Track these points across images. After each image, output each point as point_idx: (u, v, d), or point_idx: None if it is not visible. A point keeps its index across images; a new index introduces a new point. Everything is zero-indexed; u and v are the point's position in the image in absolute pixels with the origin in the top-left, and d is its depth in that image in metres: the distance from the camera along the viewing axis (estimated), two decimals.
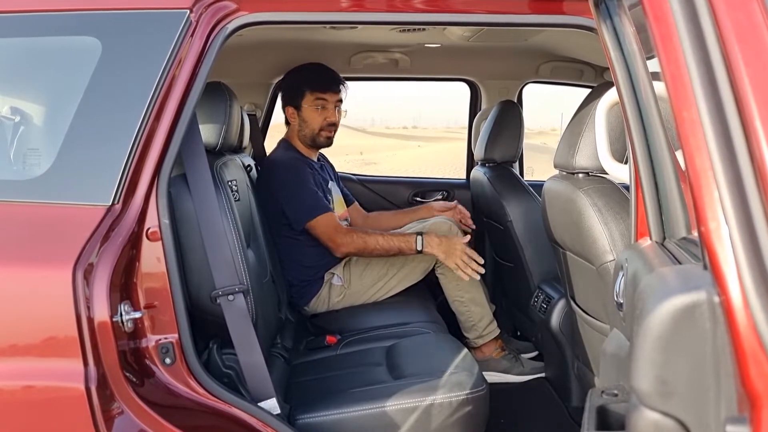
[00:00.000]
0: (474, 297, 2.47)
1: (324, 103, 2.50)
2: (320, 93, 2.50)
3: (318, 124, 2.51)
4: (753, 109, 0.68)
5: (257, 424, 1.40)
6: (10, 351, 1.23)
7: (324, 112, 2.50)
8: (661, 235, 1.07)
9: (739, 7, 0.71)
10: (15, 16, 1.41)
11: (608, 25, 1.18)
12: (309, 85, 2.50)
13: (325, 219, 2.35)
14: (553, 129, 24.58)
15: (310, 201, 2.36)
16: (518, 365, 2.53)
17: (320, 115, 2.50)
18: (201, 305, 1.50)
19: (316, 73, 2.56)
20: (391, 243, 2.32)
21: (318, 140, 2.54)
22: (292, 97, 2.54)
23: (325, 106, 2.50)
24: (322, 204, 2.38)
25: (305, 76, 2.55)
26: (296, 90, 2.53)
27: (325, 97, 2.50)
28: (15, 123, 1.48)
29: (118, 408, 1.23)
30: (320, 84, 2.51)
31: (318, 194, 2.39)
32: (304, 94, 2.50)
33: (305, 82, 2.52)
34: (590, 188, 1.67)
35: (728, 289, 0.67)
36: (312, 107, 2.50)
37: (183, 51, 1.36)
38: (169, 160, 1.35)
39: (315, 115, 2.50)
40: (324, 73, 2.56)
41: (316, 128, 2.51)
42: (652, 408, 0.73)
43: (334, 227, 2.36)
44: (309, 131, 2.52)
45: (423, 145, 21.48)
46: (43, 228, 1.29)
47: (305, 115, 2.51)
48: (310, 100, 2.50)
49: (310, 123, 2.51)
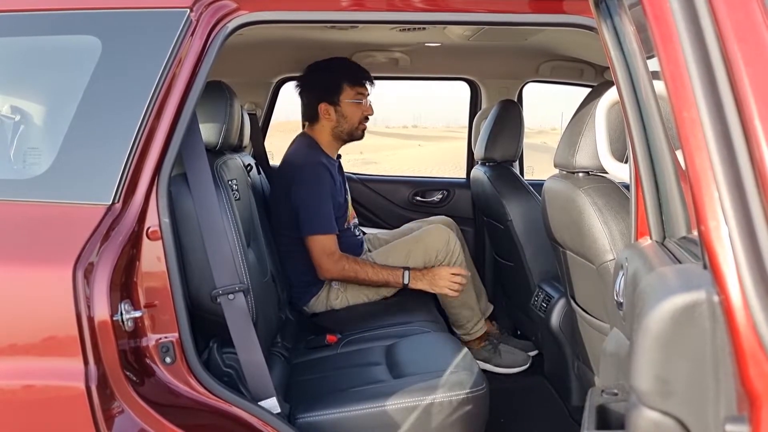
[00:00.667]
0: (465, 301, 2.54)
1: (362, 97, 2.48)
2: (359, 87, 2.46)
3: (357, 118, 2.48)
4: (753, 108, 0.68)
5: (257, 423, 1.40)
6: (10, 350, 1.23)
7: (362, 106, 2.48)
8: (661, 234, 1.07)
9: (739, 7, 0.71)
10: (15, 15, 1.41)
11: (608, 25, 1.18)
12: (348, 78, 2.45)
13: (324, 240, 2.32)
14: (553, 128, 24.58)
15: (322, 215, 2.33)
16: (497, 356, 2.61)
17: (359, 109, 2.47)
18: (201, 304, 1.50)
19: (350, 67, 2.52)
20: (380, 275, 2.36)
21: (356, 134, 2.52)
22: (327, 92, 2.46)
23: (362, 100, 2.48)
24: (331, 224, 2.35)
25: (341, 70, 2.49)
26: (334, 85, 2.45)
27: (363, 91, 2.48)
28: (15, 122, 1.48)
29: (118, 407, 1.23)
30: (358, 77, 2.47)
31: (331, 212, 2.36)
32: (342, 89, 2.45)
33: (343, 76, 2.46)
34: (590, 187, 1.67)
35: (728, 289, 0.67)
36: (352, 101, 2.46)
37: (183, 50, 1.36)
38: (170, 160, 1.35)
39: (355, 109, 2.46)
40: (357, 66, 2.54)
41: (356, 122, 2.48)
42: (651, 407, 0.73)
43: (329, 252, 2.32)
44: (348, 126, 2.48)
45: (423, 144, 21.47)
46: (44, 227, 1.29)
47: (345, 110, 2.46)
48: (350, 94, 2.45)
49: (350, 117, 2.47)
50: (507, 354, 2.63)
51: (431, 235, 2.48)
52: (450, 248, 2.45)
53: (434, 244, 2.44)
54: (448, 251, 2.45)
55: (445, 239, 2.45)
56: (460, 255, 2.47)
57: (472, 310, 2.57)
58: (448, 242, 2.44)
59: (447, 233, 2.47)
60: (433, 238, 2.46)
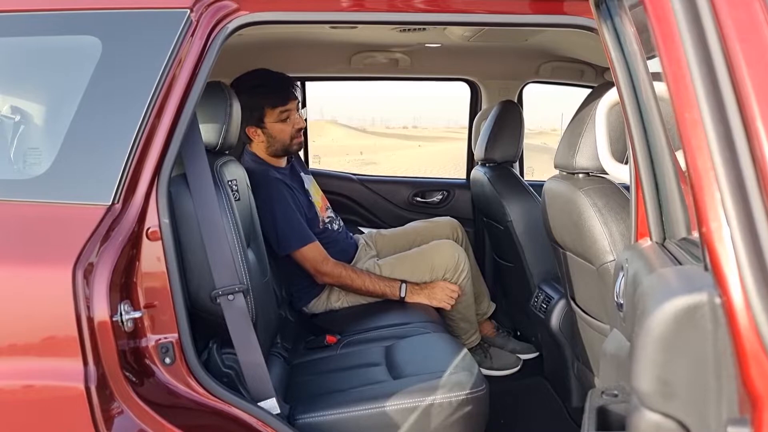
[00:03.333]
0: (465, 315, 2.56)
1: (288, 113, 2.38)
2: (282, 106, 2.37)
3: (288, 135, 2.40)
4: (755, 109, 0.67)
5: (257, 423, 1.40)
6: (9, 350, 1.22)
7: (290, 122, 2.39)
8: (661, 235, 1.07)
9: (741, 7, 0.71)
10: (15, 15, 1.41)
11: (609, 25, 1.18)
12: (267, 100, 2.36)
13: (307, 251, 2.30)
14: (554, 129, 24.57)
15: (294, 230, 2.28)
16: (488, 360, 2.62)
17: (288, 126, 2.39)
18: (201, 305, 1.50)
19: (269, 86, 2.39)
20: (377, 286, 2.36)
21: (291, 149, 2.45)
22: (251, 117, 2.34)
23: (289, 116, 2.39)
24: (306, 235, 2.30)
25: (260, 93, 2.36)
26: (254, 109, 2.34)
27: (288, 107, 2.38)
28: (15, 122, 1.47)
29: (117, 408, 1.23)
30: (279, 97, 2.37)
31: (302, 223, 2.30)
32: (264, 113, 2.36)
33: (263, 98, 2.36)
34: (590, 188, 1.67)
35: (729, 291, 0.67)
36: (277, 121, 2.37)
37: (183, 50, 1.36)
38: (170, 160, 1.35)
39: (283, 127, 2.38)
40: (277, 82, 2.41)
41: (287, 140, 2.40)
42: (652, 409, 0.73)
43: (319, 260, 2.31)
44: (279, 144, 2.41)
45: (423, 145, 21.47)
46: (43, 227, 1.29)
47: (272, 131, 2.38)
48: (273, 115, 2.37)
49: (280, 136, 2.39)
50: (497, 357, 2.65)
51: (441, 252, 2.48)
52: (459, 269, 2.46)
53: (443, 263, 2.45)
54: (456, 270, 2.46)
55: (455, 259, 2.45)
56: (468, 275, 2.49)
57: (470, 323, 2.60)
58: (457, 262, 2.45)
59: (457, 252, 2.47)
60: (443, 256, 2.46)
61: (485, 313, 2.81)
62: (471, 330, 2.61)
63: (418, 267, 2.46)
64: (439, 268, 2.44)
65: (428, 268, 2.45)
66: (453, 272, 2.45)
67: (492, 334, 2.78)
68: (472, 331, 2.62)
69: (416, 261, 2.48)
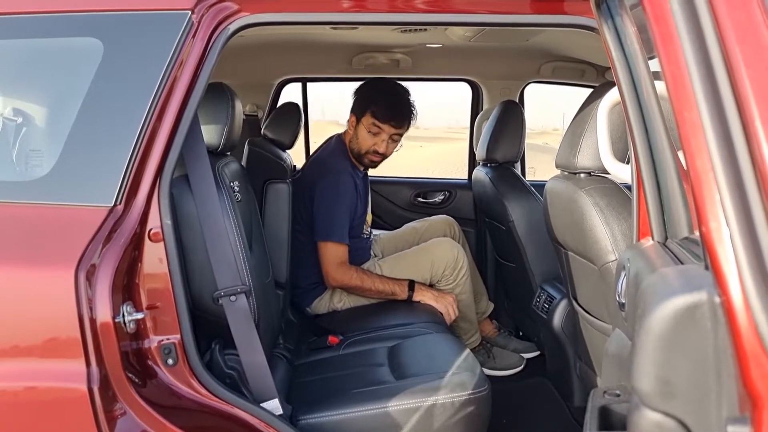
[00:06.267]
0: (465, 315, 2.57)
1: (378, 131, 2.44)
2: (378, 120, 2.43)
3: (366, 147, 2.47)
4: (753, 109, 0.68)
5: (259, 424, 1.40)
6: (12, 352, 1.23)
7: (375, 138, 2.45)
8: (663, 235, 1.07)
9: (740, 7, 0.71)
10: (17, 17, 1.42)
11: (610, 25, 1.18)
12: (373, 105, 2.43)
13: (335, 248, 2.35)
14: (555, 129, 24.51)
15: (337, 224, 2.35)
16: (491, 360, 2.64)
17: (371, 140, 2.45)
18: (203, 306, 1.50)
19: (385, 98, 2.46)
20: (386, 286, 2.39)
21: (362, 160, 2.51)
22: (357, 107, 2.48)
23: (378, 134, 2.45)
24: (344, 235, 2.37)
25: (374, 96, 2.47)
26: (363, 104, 2.46)
27: (381, 126, 2.43)
28: (17, 124, 1.48)
29: (120, 409, 1.23)
30: (382, 112, 2.43)
31: (347, 223, 2.37)
32: (365, 113, 2.45)
33: (372, 101, 2.45)
34: (592, 188, 1.67)
35: (729, 290, 0.67)
36: (366, 128, 2.45)
37: (185, 52, 1.36)
38: (171, 161, 1.35)
39: (367, 136, 2.45)
40: (394, 101, 2.47)
41: (363, 149, 2.47)
42: (653, 408, 0.73)
43: (339, 261, 2.35)
44: (356, 147, 2.49)
45: (424, 145, 21.42)
46: (46, 229, 1.29)
47: (360, 131, 2.47)
48: (368, 120, 2.44)
49: (360, 141, 2.47)
50: (501, 357, 2.66)
51: (440, 249, 2.50)
52: (458, 265, 2.48)
53: (442, 259, 2.46)
54: (455, 267, 2.47)
55: (454, 256, 2.47)
56: (467, 272, 2.50)
57: (471, 323, 2.61)
58: (456, 258, 2.47)
59: (456, 249, 2.50)
60: (442, 252, 2.48)
61: (484, 312, 2.81)
62: (471, 330, 2.62)
63: (418, 264, 2.47)
64: (439, 264, 2.45)
65: (428, 265, 2.46)
66: (452, 269, 2.46)
67: (493, 334, 2.79)
68: (472, 331, 2.63)
69: (416, 258, 2.50)
